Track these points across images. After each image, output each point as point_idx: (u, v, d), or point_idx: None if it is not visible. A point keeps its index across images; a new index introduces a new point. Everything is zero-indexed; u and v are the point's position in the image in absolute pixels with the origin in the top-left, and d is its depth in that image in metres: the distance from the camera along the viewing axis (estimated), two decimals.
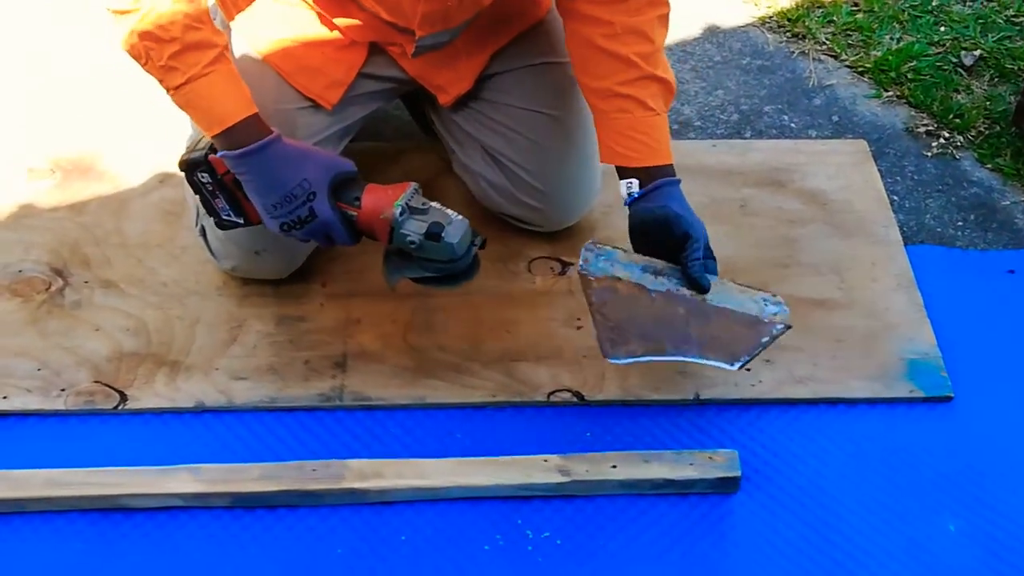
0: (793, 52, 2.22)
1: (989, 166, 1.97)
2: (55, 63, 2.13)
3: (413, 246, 1.42)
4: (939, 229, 1.85)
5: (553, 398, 1.56)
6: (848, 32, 2.25)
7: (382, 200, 1.41)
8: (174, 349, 1.61)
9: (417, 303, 1.66)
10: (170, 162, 1.84)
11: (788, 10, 2.30)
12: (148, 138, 1.93)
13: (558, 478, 1.45)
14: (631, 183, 1.46)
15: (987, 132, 2.03)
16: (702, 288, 1.39)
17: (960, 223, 1.87)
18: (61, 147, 1.92)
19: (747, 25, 2.28)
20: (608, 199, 1.81)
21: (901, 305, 1.69)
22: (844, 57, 2.19)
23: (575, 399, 1.56)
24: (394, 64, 1.60)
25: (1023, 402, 1.58)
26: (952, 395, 1.58)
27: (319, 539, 1.42)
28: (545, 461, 1.47)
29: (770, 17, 2.29)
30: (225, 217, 1.49)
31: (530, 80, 1.64)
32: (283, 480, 1.44)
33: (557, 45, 1.65)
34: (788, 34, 2.26)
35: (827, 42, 2.23)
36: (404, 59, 1.58)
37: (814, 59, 2.20)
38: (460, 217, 1.43)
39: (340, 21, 1.53)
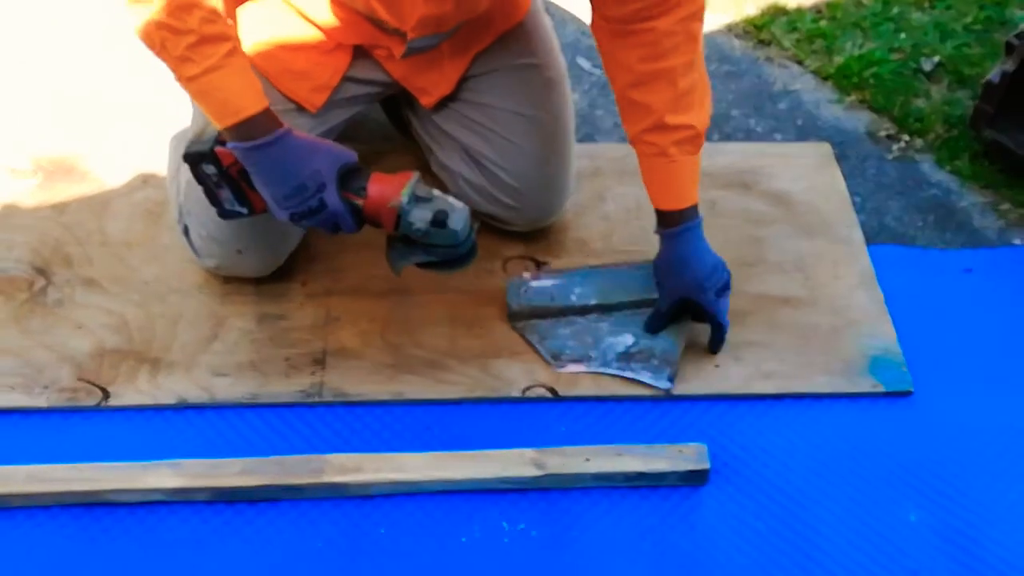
0: (759, 58, 2.26)
1: (948, 168, 2.02)
2: (38, 63, 2.13)
3: (419, 233, 1.44)
4: (899, 229, 1.90)
5: (528, 394, 1.59)
6: (812, 39, 2.29)
7: (388, 190, 1.43)
8: (156, 346, 1.62)
9: (395, 301, 1.69)
10: (152, 163, 1.87)
11: (754, 17, 2.34)
12: (131, 139, 1.93)
13: (533, 471, 1.48)
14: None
15: (946, 136, 2.08)
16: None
17: (920, 223, 1.91)
18: (44, 147, 1.92)
19: (715, 31, 2.32)
20: (581, 200, 1.85)
21: (863, 302, 1.73)
22: (808, 63, 2.24)
23: (549, 394, 1.59)
24: (378, 67, 1.62)
25: (980, 396, 1.62)
26: (912, 390, 1.62)
27: (300, 532, 1.44)
28: (520, 455, 1.49)
29: (737, 24, 2.33)
30: (228, 207, 1.50)
31: (509, 81, 1.67)
32: (264, 474, 1.46)
33: (536, 47, 1.68)
34: (754, 40, 2.30)
35: (792, 48, 2.27)
36: (389, 62, 1.61)
37: (779, 65, 2.24)
38: (461, 204, 1.46)
39: (327, 23, 1.54)
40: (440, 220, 1.43)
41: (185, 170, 1.63)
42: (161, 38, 1.32)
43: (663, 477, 1.49)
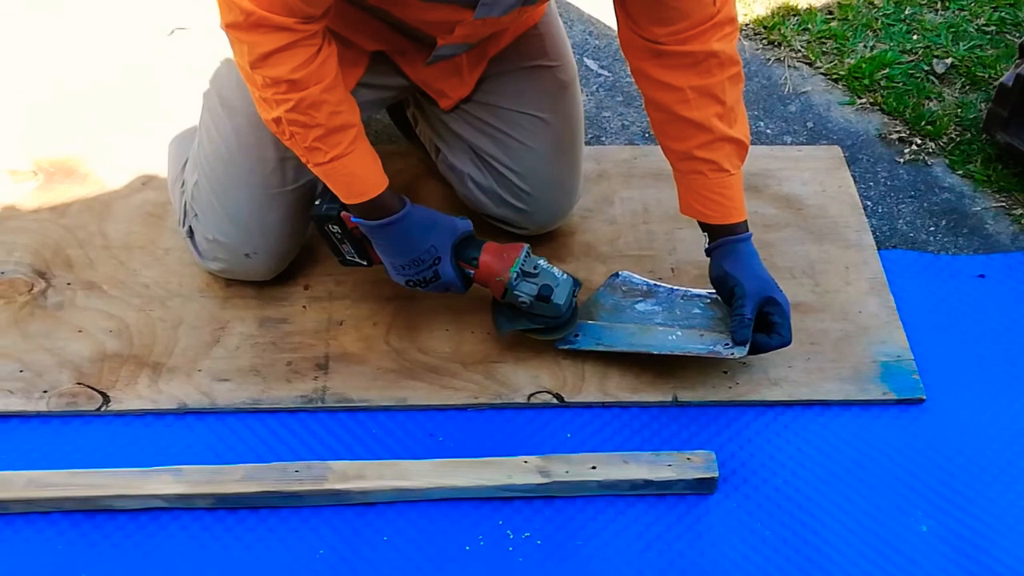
0: (769, 59, 2.24)
1: (960, 172, 2.00)
2: (38, 64, 2.12)
3: (524, 306, 1.53)
4: (911, 234, 1.88)
5: (533, 400, 1.58)
6: (823, 40, 2.28)
7: (497, 264, 1.53)
8: (156, 351, 1.61)
9: (398, 305, 1.68)
10: (153, 165, 1.86)
11: (764, 18, 2.32)
12: (131, 141, 1.92)
13: (538, 479, 1.46)
14: (704, 236, 1.59)
15: (958, 139, 2.06)
16: (736, 341, 1.52)
17: (932, 228, 1.90)
18: (44, 149, 1.91)
19: None
20: (588, 203, 1.83)
21: (874, 309, 1.71)
22: (819, 64, 2.22)
23: (555, 401, 1.58)
24: (394, 72, 1.61)
25: (993, 404, 1.61)
26: (924, 397, 1.60)
27: (301, 540, 1.43)
28: (525, 462, 1.48)
29: (746, 24, 2.32)
30: (349, 258, 1.62)
31: (522, 83, 1.66)
32: (266, 481, 1.45)
33: (549, 49, 1.67)
34: (764, 41, 2.28)
35: (802, 49, 2.25)
36: (409, 66, 1.60)
37: (789, 66, 2.23)
38: (566, 276, 1.55)
39: (348, 30, 1.52)
40: (545, 295, 1.52)
41: (190, 171, 1.62)
42: (291, 132, 1.40)
43: (670, 485, 1.48)
